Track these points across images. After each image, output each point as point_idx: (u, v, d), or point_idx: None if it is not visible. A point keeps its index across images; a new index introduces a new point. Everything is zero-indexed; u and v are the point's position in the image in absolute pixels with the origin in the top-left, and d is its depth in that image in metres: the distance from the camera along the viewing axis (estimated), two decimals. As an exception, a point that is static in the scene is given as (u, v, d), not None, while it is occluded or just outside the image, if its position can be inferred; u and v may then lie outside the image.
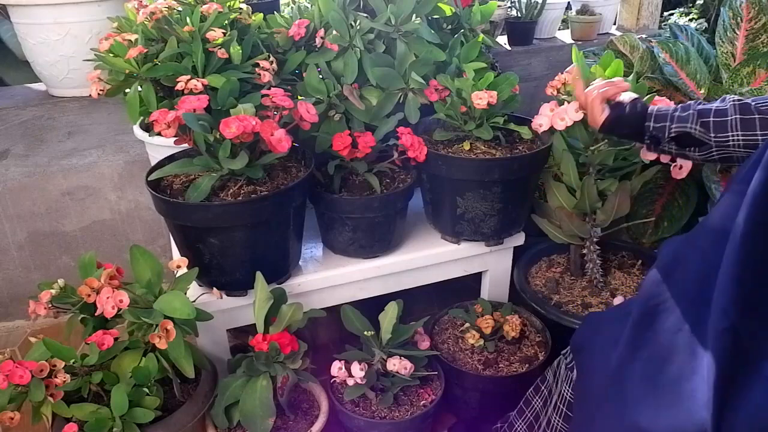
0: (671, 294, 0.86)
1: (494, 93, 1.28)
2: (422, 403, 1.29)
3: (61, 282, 1.13)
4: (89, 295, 1.06)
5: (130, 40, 1.26)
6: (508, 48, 2.31)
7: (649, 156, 1.20)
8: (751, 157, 0.81)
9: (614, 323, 0.96)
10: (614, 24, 2.64)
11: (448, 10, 1.48)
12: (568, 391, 1.08)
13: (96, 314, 1.08)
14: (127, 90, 1.27)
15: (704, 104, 1.00)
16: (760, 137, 0.92)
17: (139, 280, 1.13)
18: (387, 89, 1.36)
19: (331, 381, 1.30)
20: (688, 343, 0.79)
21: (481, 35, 1.49)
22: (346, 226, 1.33)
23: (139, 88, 1.26)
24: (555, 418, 1.12)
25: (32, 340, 1.10)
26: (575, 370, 1.05)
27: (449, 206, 1.37)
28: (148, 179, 1.19)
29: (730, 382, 0.72)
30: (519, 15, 2.32)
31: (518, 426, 1.23)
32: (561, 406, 1.10)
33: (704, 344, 0.76)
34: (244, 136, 1.09)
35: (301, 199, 1.25)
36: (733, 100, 0.96)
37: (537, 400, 1.19)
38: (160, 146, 1.39)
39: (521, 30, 2.31)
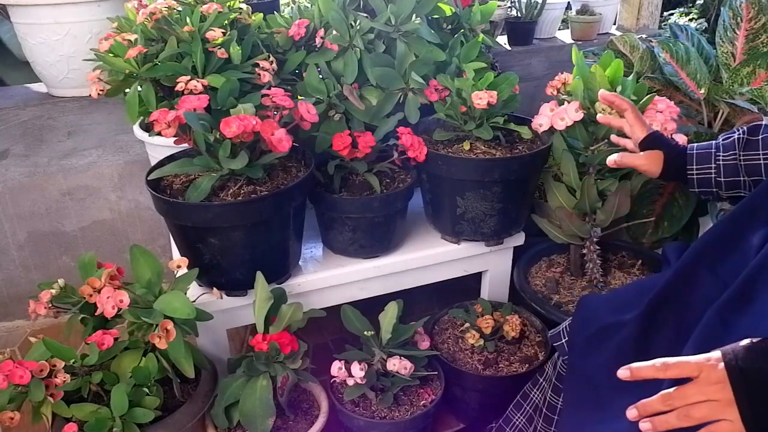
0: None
1: (494, 93, 1.28)
2: (422, 403, 1.29)
3: (61, 282, 1.12)
4: (91, 295, 1.06)
5: (129, 40, 1.26)
6: (508, 48, 2.31)
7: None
8: None
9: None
10: (614, 24, 2.64)
11: (448, 10, 1.48)
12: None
13: (96, 314, 1.08)
14: (127, 90, 1.27)
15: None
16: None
17: (139, 280, 1.13)
18: (387, 89, 1.36)
19: (331, 381, 1.30)
20: None
21: (481, 35, 1.49)
22: (346, 226, 1.33)
23: (139, 88, 1.26)
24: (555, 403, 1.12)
25: (32, 340, 1.10)
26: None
27: (449, 206, 1.37)
28: (148, 179, 1.19)
29: None
30: (519, 15, 2.32)
31: (516, 420, 1.22)
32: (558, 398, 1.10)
33: None
34: (244, 135, 1.09)
35: (301, 199, 1.24)
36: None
37: (536, 393, 1.19)
38: (160, 146, 1.39)
39: (521, 30, 2.31)
